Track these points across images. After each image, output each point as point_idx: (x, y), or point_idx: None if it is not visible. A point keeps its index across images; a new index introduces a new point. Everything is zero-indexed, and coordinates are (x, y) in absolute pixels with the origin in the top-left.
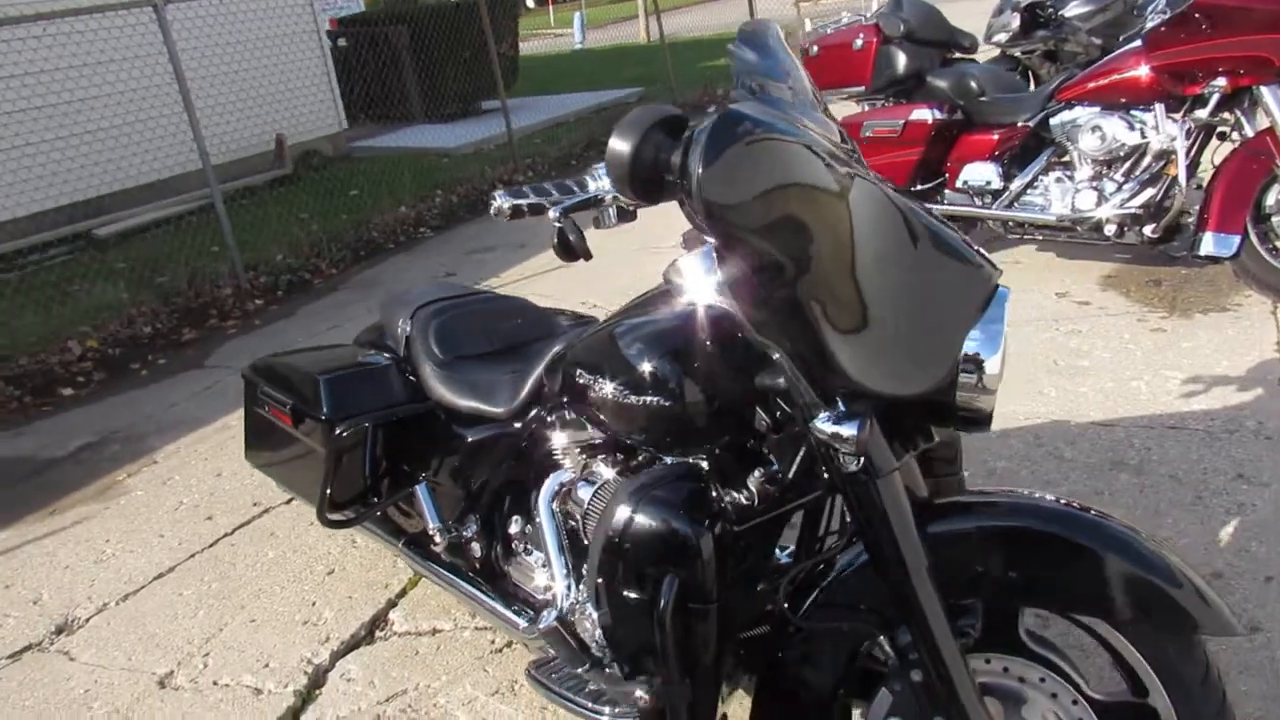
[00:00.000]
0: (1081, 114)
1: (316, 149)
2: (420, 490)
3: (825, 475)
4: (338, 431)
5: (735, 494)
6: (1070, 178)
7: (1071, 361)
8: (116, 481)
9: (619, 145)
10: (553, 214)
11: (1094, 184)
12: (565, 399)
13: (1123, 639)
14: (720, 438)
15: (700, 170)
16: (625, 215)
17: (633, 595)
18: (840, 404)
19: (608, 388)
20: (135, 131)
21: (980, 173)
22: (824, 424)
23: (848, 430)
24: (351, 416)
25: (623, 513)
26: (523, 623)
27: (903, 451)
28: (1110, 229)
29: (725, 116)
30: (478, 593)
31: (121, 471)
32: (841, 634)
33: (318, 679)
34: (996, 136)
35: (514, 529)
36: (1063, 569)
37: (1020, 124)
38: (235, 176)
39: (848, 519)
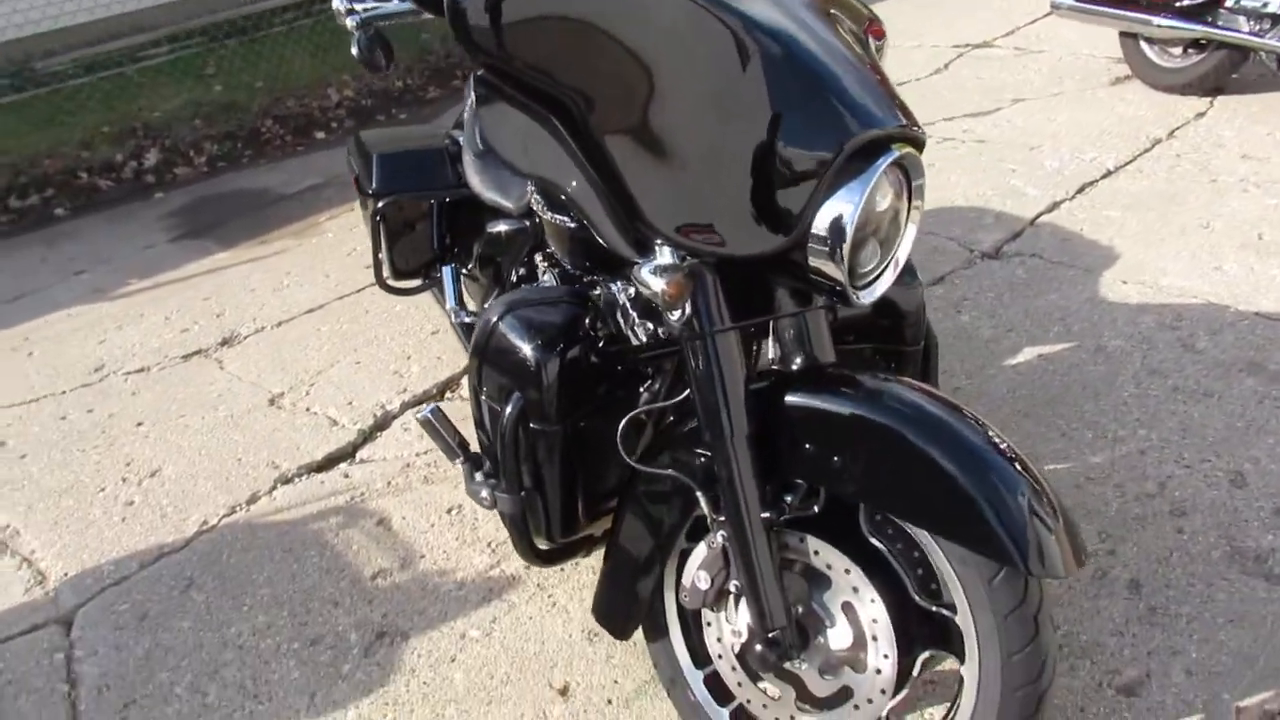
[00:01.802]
0: None
1: None
2: (446, 272)
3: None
4: (378, 204)
5: (617, 329)
6: None
7: (1278, 238)
8: (317, 223)
9: None
10: (350, 23)
11: None
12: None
13: (939, 552)
14: (620, 269)
15: None
16: (376, 59)
17: (490, 403)
18: (664, 254)
19: (541, 199)
20: None
21: None
22: (640, 272)
23: (657, 282)
24: (392, 193)
25: (490, 321)
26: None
27: (746, 315)
28: None
29: None
30: None
31: (324, 214)
32: (673, 483)
33: (384, 423)
34: None
35: None
36: (893, 469)
37: None
38: None
39: None
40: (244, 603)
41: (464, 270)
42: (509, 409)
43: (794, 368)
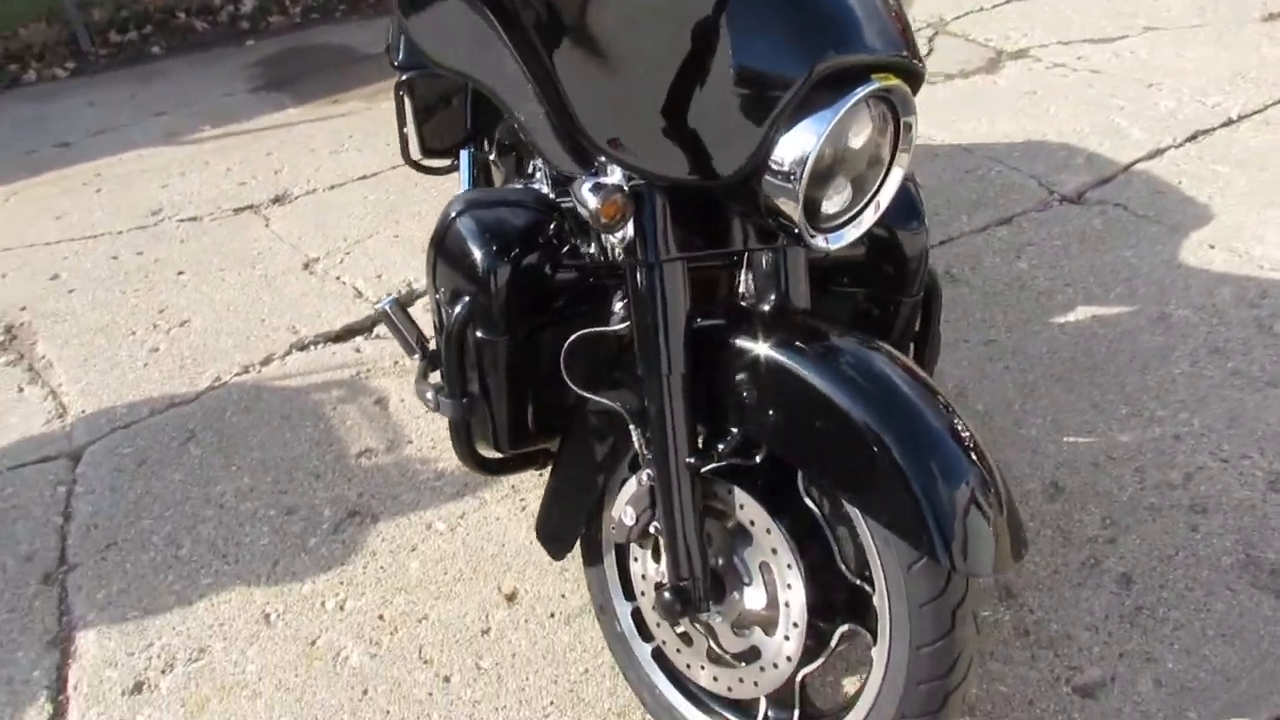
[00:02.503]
0: None
1: None
2: (464, 155)
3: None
4: (401, 78)
5: (583, 242)
6: None
7: None
8: (385, 89)
9: None
10: None
11: None
12: None
13: (865, 527)
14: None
15: None
16: None
17: (442, 304)
18: (614, 172)
19: None
20: None
21: None
22: (578, 187)
23: (592, 200)
24: (414, 69)
25: (448, 217)
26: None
27: (700, 246)
28: None
29: None
30: None
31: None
32: (613, 412)
33: (407, 301)
34: None
35: None
36: (827, 435)
37: None
38: None
39: None
40: (234, 463)
41: (492, 158)
42: (456, 311)
43: (763, 308)
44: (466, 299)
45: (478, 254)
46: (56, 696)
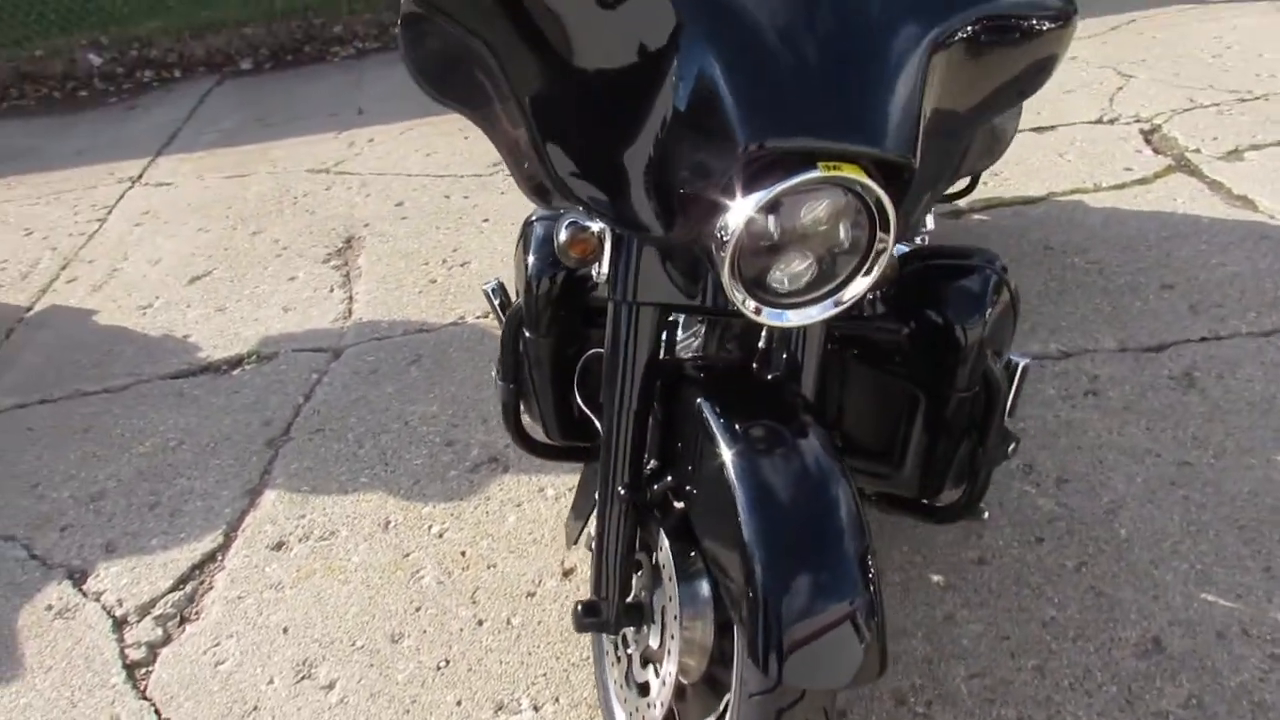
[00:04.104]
0: None
1: None
2: None
3: None
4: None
5: None
6: None
7: None
8: None
9: None
10: None
11: None
12: None
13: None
14: None
15: None
16: None
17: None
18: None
19: None
20: None
21: None
22: (559, 222)
23: (563, 234)
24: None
25: (528, 220)
26: None
27: (672, 296)
28: None
29: None
30: None
31: None
32: None
33: None
34: None
35: None
36: (717, 511)
37: None
38: None
39: None
40: (433, 391)
41: None
42: (514, 307)
43: (723, 368)
44: (520, 299)
45: (531, 259)
46: (229, 532)
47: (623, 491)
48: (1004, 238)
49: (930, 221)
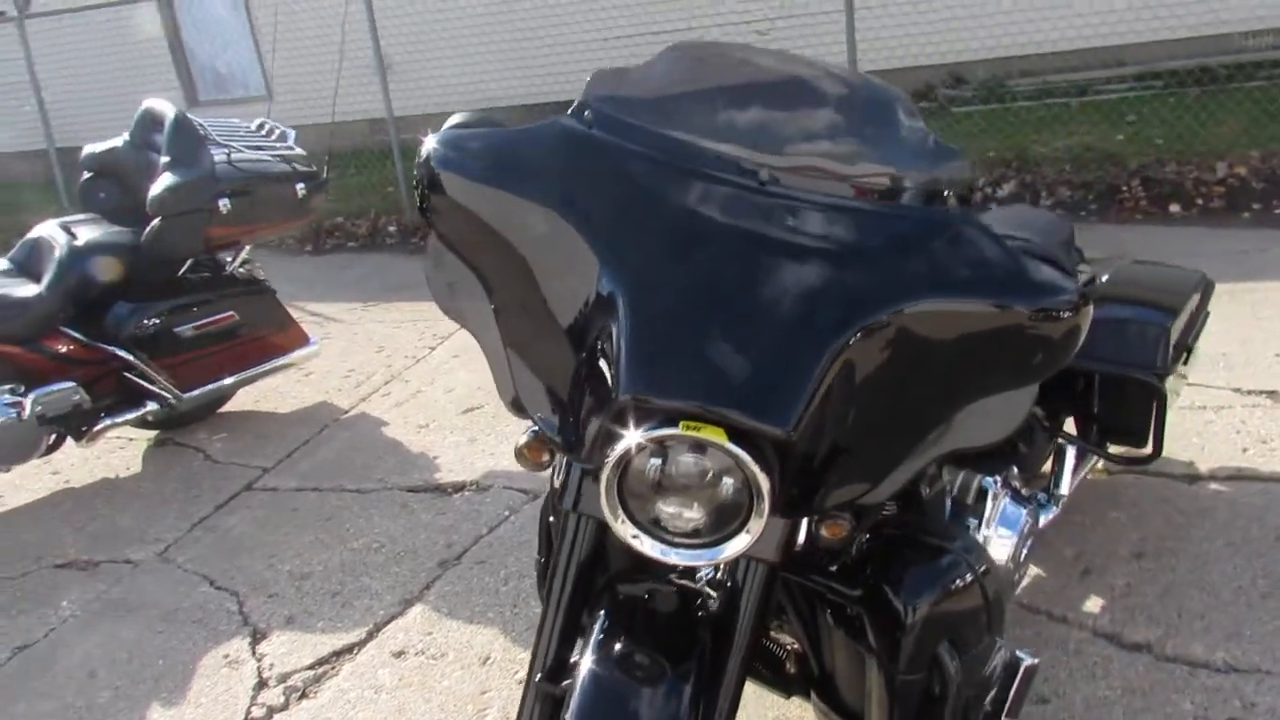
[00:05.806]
0: None
1: None
2: None
3: None
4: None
5: None
6: None
7: None
8: None
9: None
10: None
11: None
12: None
13: None
14: None
15: (425, 163)
16: None
17: None
18: None
19: None
20: None
21: None
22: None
23: (522, 438)
24: None
25: None
26: None
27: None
28: None
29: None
30: None
31: None
32: None
33: None
34: None
35: None
36: None
37: None
38: None
39: None
40: None
41: None
42: None
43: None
44: None
45: None
46: (373, 631)
47: (537, 681)
48: (1232, 515)
49: (1065, 486)
